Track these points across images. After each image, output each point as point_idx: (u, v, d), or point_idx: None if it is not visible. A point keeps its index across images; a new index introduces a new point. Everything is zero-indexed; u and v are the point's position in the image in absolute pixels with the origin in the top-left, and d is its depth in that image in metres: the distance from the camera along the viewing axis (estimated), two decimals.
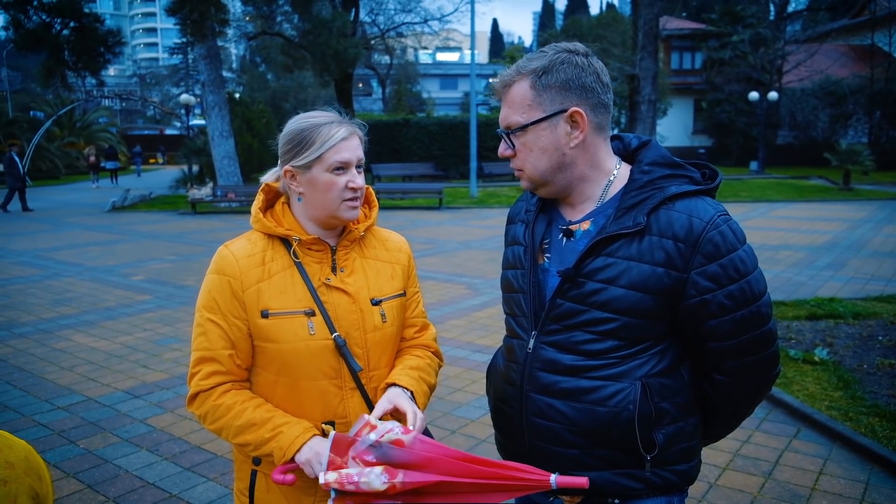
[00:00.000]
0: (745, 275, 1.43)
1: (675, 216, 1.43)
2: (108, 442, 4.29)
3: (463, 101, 52.20)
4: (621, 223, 1.46)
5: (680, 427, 1.51)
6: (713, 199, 1.50)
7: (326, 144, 1.61)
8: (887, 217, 16.18)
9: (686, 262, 1.41)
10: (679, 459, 1.52)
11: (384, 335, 1.72)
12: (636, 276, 1.43)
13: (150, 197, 22.51)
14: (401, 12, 35.27)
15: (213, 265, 1.68)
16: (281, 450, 1.56)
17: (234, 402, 1.62)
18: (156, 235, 14.31)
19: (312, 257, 1.68)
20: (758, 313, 1.45)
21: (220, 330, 1.63)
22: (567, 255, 1.53)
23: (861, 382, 4.91)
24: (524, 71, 1.50)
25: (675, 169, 1.52)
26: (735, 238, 1.44)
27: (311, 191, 1.64)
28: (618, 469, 1.50)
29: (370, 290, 1.71)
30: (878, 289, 8.25)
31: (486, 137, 25.83)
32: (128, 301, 8.20)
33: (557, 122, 1.48)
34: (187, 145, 24.82)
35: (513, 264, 1.64)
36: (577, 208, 1.57)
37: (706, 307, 1.43)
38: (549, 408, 1.51)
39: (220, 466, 3.95)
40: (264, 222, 1.69)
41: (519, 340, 1.59)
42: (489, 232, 13.97)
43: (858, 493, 3.54)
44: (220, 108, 19.19)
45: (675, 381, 1.50)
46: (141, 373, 5.58)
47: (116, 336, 6.66)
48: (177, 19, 19.20)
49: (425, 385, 1.74)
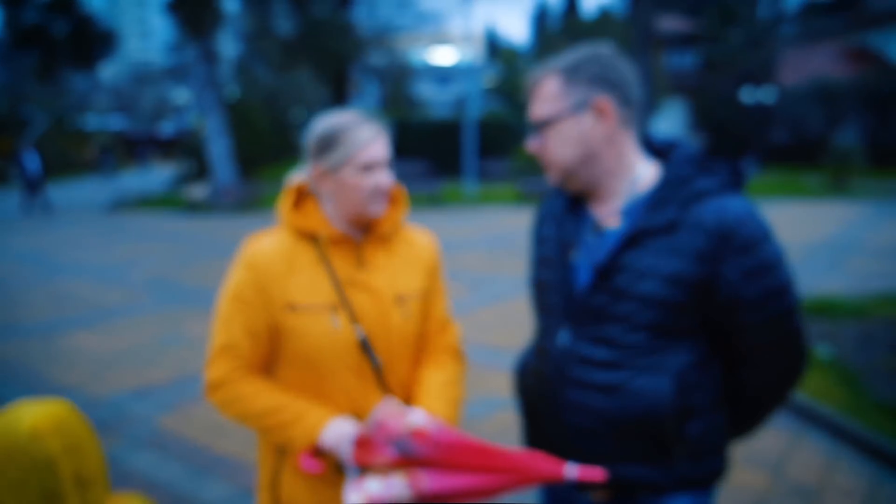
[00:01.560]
0: (774, 268, 1.46)
1: (705, 212, 1.46)
2: (116, 443, 4.28)
3: (457, 101, 52.18)
4: (653, 219, 1.48)
5: (710, 421, 1.53)
6: (741, 196, 1.53)
7: (355, 145, 1.64)
8: (882, 215, 16.27)
9: (717, 256, 1.44)
10: (710, 453, 1.54)
11: (407, 332, 1.74)
12: (668, 270, 1.45)
13: (147, 196, 22.45)
14: (397, 12, 35.22)
15: (239, 259, 1.71)
16: (305, 433, 1.59)
17: (253, 389, 1.66)
18: (154, 235, 14.28)
19: (339, 253, 1.71)
20: (786, 306, 1.48)
21: (242, 319, 1.66)
22: (598, 251, 1.56)
23: (865, 380, 4.94)
24: (555, 68, 1.55)
25: (705, 167, 1.55)
26: (762, 233, 1.46)
27: (341, 190, 1.67)
28: (649, 463, 1.51)
29: (395, 287, 1.73)
30: (877, 287, 8.30)
31: (483, 137, 25.86)
32: (129, 301, 8.18)
33: (584, 114, 1.52)
34: (183, 144, 24.77)
35: (542, 261, 1.67)
36: (606, 205, 1.60)
37: (737, 300, 1.45)
38: (584, 402, 1.52)
39: (231, 466, 3.95)
40: (292, 219, 1.72)
41: (550, 336, 1.60)
42: (486, 231, 13.98)
43: (867, 489, 3.57)
44: (216, 107, 19.15)
45: (706, 375, 1.53)
46: (146, 373, 5.58)
47: (119, 336, 6.65)
48: (174, 18, 19.16)
49: (455, 406, 1.74)
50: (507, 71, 48.88)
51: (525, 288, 8.52)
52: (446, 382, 1.75)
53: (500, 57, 53.31)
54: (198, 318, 7.28)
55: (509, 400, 4.93)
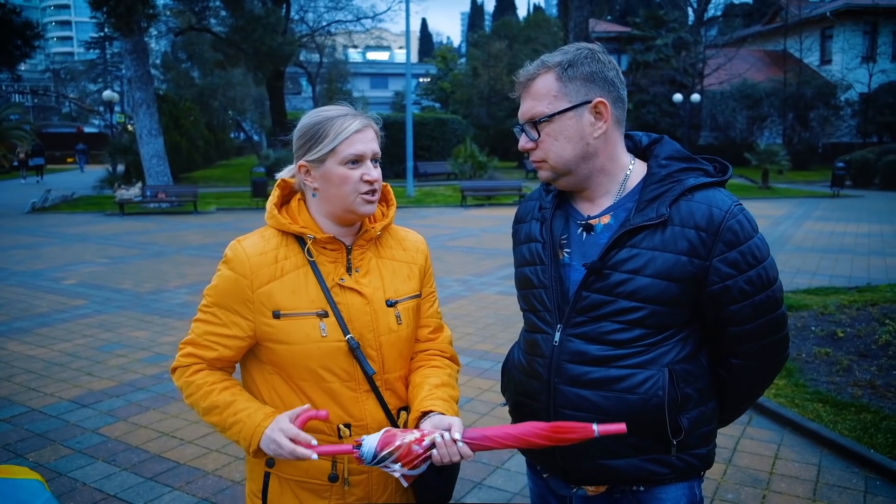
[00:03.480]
0: (762, 261, 1.51)
1: (695, 207, 1.50)
2: (60, 454, 4.09)
3: (394, 101, 52.04)
4: (644, 215, 1.51)
5: (702, 411, 1.57)
6: (727, 191, 1.58)
7: (340, 137, 1.58)
8: (805, 213, 17.07)
9: (708, 250, 1.48)
10: (700, 443, 1.58)
11: (398, 337, 1.69)
12: (661, 265, 1.48)
13: (72, 198, 21.53)
14: (332, 10, 34.89)
15: (224, 260, 1.65)
16: (245, 440, 1.55)
17: (203, 382, 1.63)
18: (84, 238, 13.71)
19: (327, 256, 1.65)
20: (773, 297, 1.54)
21: (217, 321, 1.63)
22: (589, 248, 1.58)
23: (801, 371, 5.18)
24: (549, 64, 1.55)
25: (690, 163, 1.59)
26: (751, 226, 1.52)
27: (326, 185, 1.62)
28: (644, 455, 1.55)
29: (385, 291, 1.68)
30: (804, 282, 8.70)
31: (422, 137, 25.86)
32: (62, 307, 7.83)
33: (583, 113, 1.54)
34: (112, 144, 23.87)
35: (531, 261, 1.67)
36: (594, 203, 1.62)
37: (728, 293, 1.50)
38: (579, 398, 1.54)
39: (184, 475, 3.83)
40: (279, 219, 1.65)
41: (543, 335, 1.61)
42: (429, 231, 13.99)
43: (813, 475, 3.74)
44: (147, 105, 18.54)
45: (697, 366, 1.57)
46: (86, 381, 5.35)
47: (54, 343, 6.36)
48: (99, 13, 18.45)
49: (454, 404, 1.68)
50: (442, 70, 49.05)
51: (475, 289, 8.58)
52: (443, 384, 1.70)
53: (435, 56, 53.38)
54: (137, 323, 7.04)
55: (465, 399, 4.96)
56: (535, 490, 1.80)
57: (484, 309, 7.69)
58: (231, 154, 44.72)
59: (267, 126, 35.77)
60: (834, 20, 34.47)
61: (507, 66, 36.37)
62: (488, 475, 3.82)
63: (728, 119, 33.23)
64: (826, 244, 12.24)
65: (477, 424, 4.45)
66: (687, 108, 30.21)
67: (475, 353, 6.03)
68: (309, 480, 1.64)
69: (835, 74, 34.01)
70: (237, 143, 48.15)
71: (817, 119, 32.41)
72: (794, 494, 3.54)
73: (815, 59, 35.99)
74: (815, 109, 32.36)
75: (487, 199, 20.71)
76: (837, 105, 33.26)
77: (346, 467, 1.63)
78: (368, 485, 1.66)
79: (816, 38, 35.94)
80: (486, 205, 20.27)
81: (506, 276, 9.51)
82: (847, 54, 34.16)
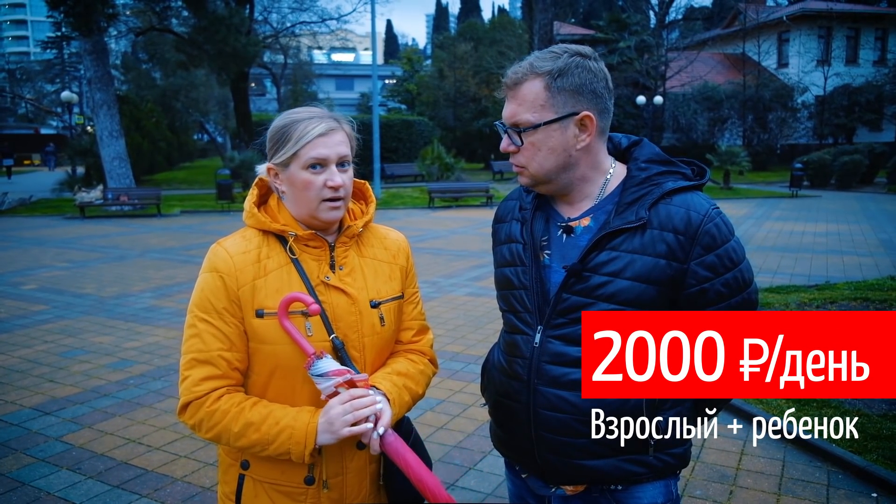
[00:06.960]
0: (738, 263, 1.54)
1: (673, 210, 1.52)
2: (22, 463, 3.99)
3: (359, 102, 51.82)
4: (624, 218, 1.53)
5: (678, 411, 1.60)
6: (705, 194, 1.60)
7: (302, 140, 1.55)
8: (766, 214, 17.45)
9: (686, 253, 1.50)
10: (677, 443, 1.61)
11: (381, 338, 1.68)
12: (640, 267, 1.50)
13: (30, 201, 21.00)
14: (297, 10, 34.61)
15: (206, 263, 1.61)
16: (299, 444, 1.51)
17: (230, 406, 1.54)
18: (43, 241, 13.38)
19: (310, 254, 1.63)
20: (748, 299, 1.57)
21: (214, 329, 1.55)
22: (569, 250, 1.59)
23: None
24: (539, 71, 1.53)
25: (669, 166, 1.61)
26: (728, 230, 1.54)
27: (291, 189, 1.60)
28: (623, 455, 1.56)
29: (369, 292, 1.67)
30: (766, 281, 8.89)
31: (388, 139, 25.80)
32: (21, 312, 7.63)
33: (568, 125, 1.54)
34: (72, 145, 23.33)
35: (511, 262, 1.67)
36: (574, 206, 1.63)
37: (704, 295, 1.52)
38: (559, 399, 1.55)
39: (152, 482, 3.76)
40: (258, 217, 1.62)
41: (523, 336, 1.62)
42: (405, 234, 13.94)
43: (778, 469, 3.82)
44: (108, 106, 18.18)
45: None
46: (48, 388, 5.22)
47: (13, 350, 6.20)
48: (56, 12, 18.03)
49: (407, 395, 1.66)
50: (408, 72, 48.99)
51: (444, 291, 8.59)
52: (407, 373, 1.69)
53: (401, 58, 53.31)
54: (100, 328, 6.89)
55: (426, 402, 4.96)
56: (513, 490, 1.81)
57: (454, 310, 7.70)
58: (194, 156, 44.02)
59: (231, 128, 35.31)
60: (790, 24, 35.35)
61: (472, 67, 36.46)
62: (461, 476, 3.83)
63: (690, 121, 33.80)
64: (786, 243, 12.54)
65: (449, 426, 4.47)
66: (650, 110, 30.68)
67: (446, 354, 6.03)
68: (284, 483, 1.62)
69: (792, 77, 34.86)
70: (200, 144, 47.44)
71: (775, 121, 33.19)
72: (760, 489, 3.61)
73: (772, 62, 36.86)
74: (774, 111, 33.14)
75: (455, 200, 20.75)
76: (794, 107, 34.11)
77: (323, 470, 1.61)
78: (342, 487, 1.65)
79: (774, 42, 36.84)
80: (454, 206, 20.31)
81: (475, 278, 9.54)
82: (803, 58, 35.04)
